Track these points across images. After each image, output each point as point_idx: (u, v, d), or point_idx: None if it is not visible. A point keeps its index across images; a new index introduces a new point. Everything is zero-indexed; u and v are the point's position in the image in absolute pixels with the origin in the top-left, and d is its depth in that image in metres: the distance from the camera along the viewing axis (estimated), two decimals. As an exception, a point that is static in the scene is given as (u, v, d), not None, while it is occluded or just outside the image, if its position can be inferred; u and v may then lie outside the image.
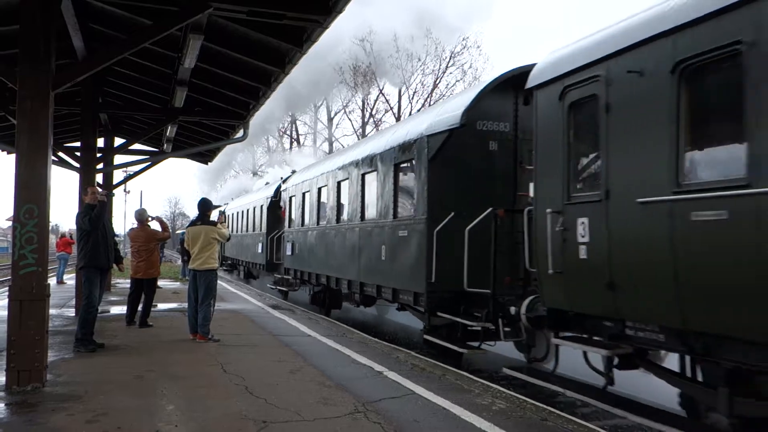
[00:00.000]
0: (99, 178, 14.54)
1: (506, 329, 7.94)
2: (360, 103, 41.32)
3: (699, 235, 4.93)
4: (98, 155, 13.52)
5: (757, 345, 4.56)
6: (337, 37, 33.11)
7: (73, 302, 12.27)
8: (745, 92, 4.61)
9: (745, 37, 4.52)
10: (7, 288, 7.67)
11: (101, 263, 8.42)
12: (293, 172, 21.11)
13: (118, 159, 16.36)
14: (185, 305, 10.04)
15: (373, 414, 5.41)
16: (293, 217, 17.67)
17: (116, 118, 15.62)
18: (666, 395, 6.71)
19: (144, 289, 10.50)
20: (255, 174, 51.34)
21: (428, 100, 38.29)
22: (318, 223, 14.96)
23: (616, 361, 6.22)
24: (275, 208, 20.82)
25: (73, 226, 9.33)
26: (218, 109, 12.69)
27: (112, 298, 14.53)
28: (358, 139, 37.39)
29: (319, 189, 14.97)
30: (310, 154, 43.45)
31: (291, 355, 8.23)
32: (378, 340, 10.23)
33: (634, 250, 5.58)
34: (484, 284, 8.15)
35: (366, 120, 40.69)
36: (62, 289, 17.59)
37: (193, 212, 43.73)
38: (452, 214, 8.78)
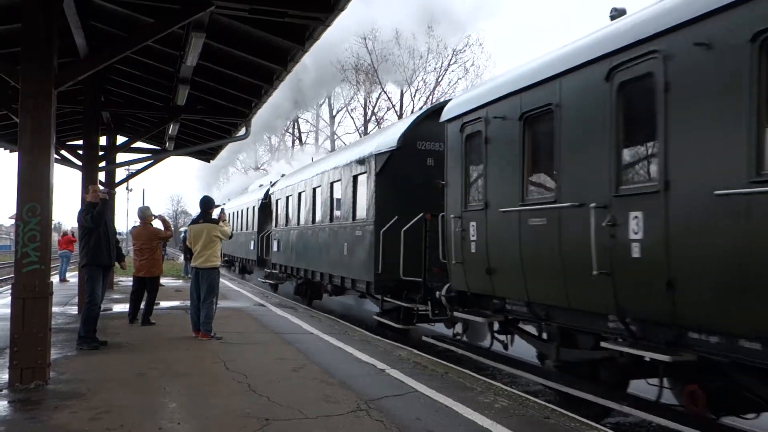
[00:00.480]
0: (101, 176, 14.56)
1: (436, 311, 9.63)
2: (362, 101, 41.31)
3: (532, 234, 7.06)
4: (100, 153, 13.54)
5: (572, 310, 6.60)
6: (346, 33, 33.45)
7: (76, 300, 12.29)
8: (555, 140, 6.67)
9: (554, 101, 6.70)
10: (9, 286, 7.68)
11: (103, 261, 8.44)
12: (282, 176, 22.92)
13: (121, 157, 16.37)
14: (188, 303, 10.06)
15: (376, 412, 5.41)
16: (279, 217, 19.70)
17: (118, 116, 15.64)
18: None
19: (146, 288, 10.52)
20: (257, 169, 51.40)
21: (430, 97, 38.26)
22: (298, 224, 16.93)
23: (497, 326, 8.28)
24: (266, 209, 22.48)
25: (76, 224, 9.36)
26: (220, 107, 12.70)
27: (115, 296, 14.55)
28: (360, 137, 37.46)
29: (300, 194, 17.00)
30: (312, 152, 43.50)
31: (293, 352, 8.24)
32: (380, 338, 10.23)
33: (501, 245, 7.62)
34: (418, 274, 9.93)
35: (368, 118, 40.68)
36: (65, 287, 17.62)
37: (194, 210, 44.01)
38: (396, 217, 10.59)
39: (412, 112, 37.52)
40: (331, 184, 14.02)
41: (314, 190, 15.45)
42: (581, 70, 6.30)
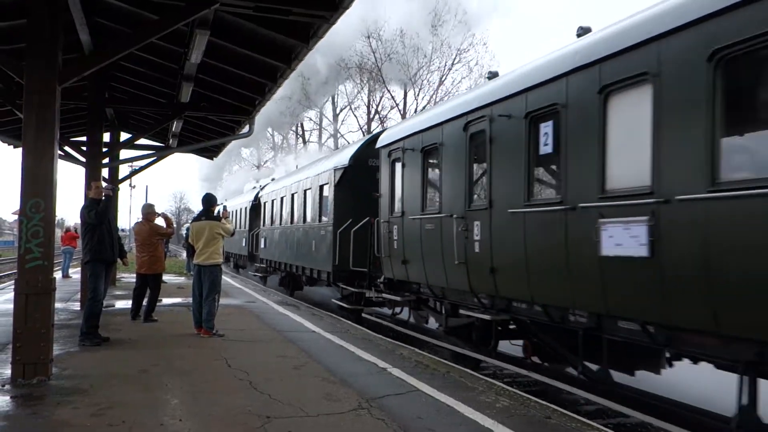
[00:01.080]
0: (105, 172, 14.58)
1: (377, 295, 12.17)
2: (366, 100, 41.29)
3: (427, 235, 9.66)
4: (104, 150, 13.54)
5: (451, 290, 9.19)
6: (353, 31, 33.63)
7: (79, 296, 12.31)
8: (440, 168, 9.47)
9: (438, 142, 9.39)
10: (13, 282, 7.69)
11: (107, 257, 8.47)
12: (272, 179, 26.30)
13: (124, 154, 16.42)
14: (190, 300, 10.07)
15: (377, 410, 5.41)
16: (266, 217, 22.80)
17: (122, 113, 15.65)
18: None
19: (149, 284, 10.53)
20: (260, 167, 51.46)
21: (434, 96, 38.24)
22: (281, 224, 20.02)
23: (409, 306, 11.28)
24: (256, 210, 25.33)
25: (79, 221, 9.37)
26: (224, 105, 12.69)
27: (117, 293, 14.57)
28: (363, 135, 37.55)
29: (282, 198, 20.18)
30: (315, 150, 43.50)
31: (295, 350, 8.25)
32: (382, 336, 10.24)
33: (411, 242, 10.28)
34: (364, 266, 12.70)
35: (371, 116, 40.65)
36: (68, 283, 17.66)
37: (197, 208, 43.98)
38: (350, 220, 13.27)
39: (415, 111, 37.66)
40: (305, 191, 17.10)
41: (293, 195, 18.54)
42: (453, 122, 9.05)
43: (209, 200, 9.69)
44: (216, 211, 9.84)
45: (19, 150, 6.80)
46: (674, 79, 5.34)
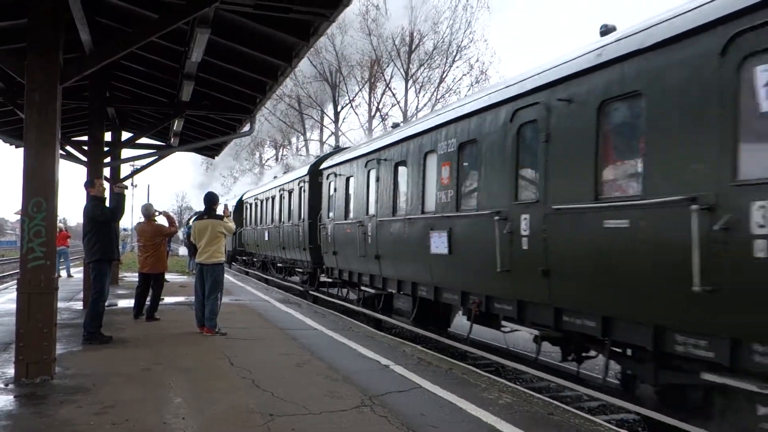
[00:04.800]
0: (106, 171, 14.58)
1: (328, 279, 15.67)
2: (367, 98, 41.24)
3: (342, 234, 13.36)
4: (105, 149, 13.54)
5: (359, 273, 12.91)
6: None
7: (81, 295, 12.32)
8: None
9: (375, 167, 11.97)
10: (15, 281, 7.70)
11: (114, 256, 8.59)
12: (259, 185, 32.57)
13: (126, 153, 16.42)
14: (192, 299, 10.07)
15: (380, 407, 5.42)
16: (249, 218, 27.97)
17: (123, 112, 15.66)
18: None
19: (151, 284, 10.54)
20: (262, 166, 51.51)
21: (435, 94, 38.22)
22: (262, 223, 24.53)
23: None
24: (239, 211, 29.22)
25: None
26: (225, 103, 12.69)
27: (120, 292, 14.59)
28: (365, 134, 37.61)
29: (262, 201, 24.65)
30: (316, 149, 43.52)
31: (297, 348, 8.26)
32: (384, 334, 10.24)
33: (336, 240, 13.95)
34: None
35: (372, 114, 40.61)
36: (70, 282, 17.68)
37: (197, 206, 44.33)
38: (311, 220, 16.82)
39: (416, 108, 37.70)
40: (280, 195, 21.22)
41: (272, 198, 22.80)
42: (358, 160, 13.13)
43: (211, 198, 9.67)
44: (222, 207, 9.85)
45: (21, 150, 6.79)
46: (490, 142, 8.10)
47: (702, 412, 5.40)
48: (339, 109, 41.60)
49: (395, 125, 13.51)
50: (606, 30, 6.74)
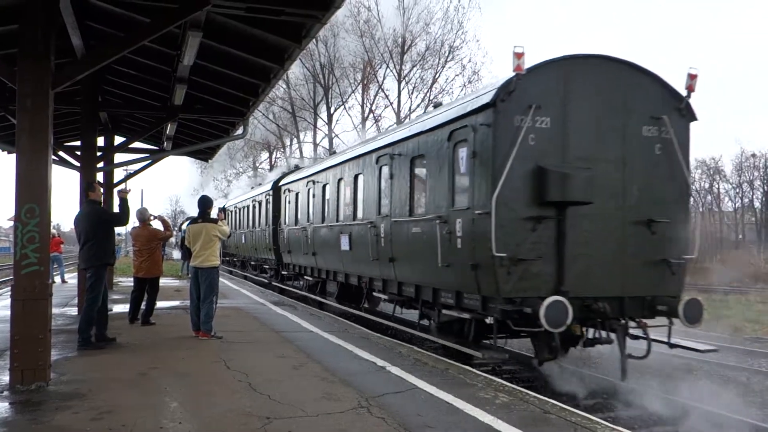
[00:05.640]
0: (99, 176, 14.53)
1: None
2: (360, 99, 41.24)
3: (296, 236, 17.32)
4: (98, 154, 13.49)
5: (305, 266, 17.06)
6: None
7: (75, 301, 12.28)
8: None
9: (312, 187, 16.19)
10: (9, 288, 7.66)
11: (112, 260, 8.73)
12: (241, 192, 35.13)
13: (119, 157, 16.31)
14: (187, 302, 10.05)
15: (377, 409, 5.42)
16: (230, 223, 30.18)
17: (116, 117, 15.60)
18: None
19: (147, 288, 10.51)
20: (255, 169, 51.46)
21: (428, 94, 38.25)
22: (240, 228, 28.11)
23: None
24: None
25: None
26: (218, 107, 12.66)
27: (115, 296, 14.53)
28: (358, 135, 37.65)
29: (240, 209, 28.29)
30: (309, 151, 43.51)
31: (294, 351, 8.25)
32: (380, 335, 10.25)
33: (294, 240, 17.44)
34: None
35: (366, 116, 40.62)
36: (64, 288, 17.61)
37: (191, 211, 44.56)
38: (274, 226, 20.27)
39: (410, 109, 37.79)
40: (253, 205, 24.53)
41: (246, 207, 26.26)
42: (301, 181, 17.25)
43: (206, 202, 9.66)
44: (216, 210, 9.85)
45: (13, 156, 6.77)
46: (367, 178, 12.07)
47: (462, 337, 9.00)
48: (332, 111, 41.59)
49: (333, 152, 19.54)
50: (435, 105, 12.02)
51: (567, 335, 7.68)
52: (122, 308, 11.92)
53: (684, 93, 8.13)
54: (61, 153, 14.63)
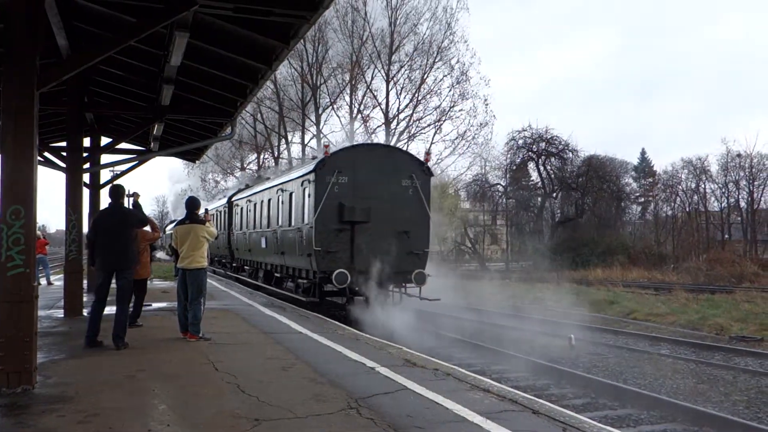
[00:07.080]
0: (86, 177, 14.42)
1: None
2: (348, 99, 41.20)
3: (243, 238, 23.68)
4: (85, 155, 13.38)
5: (246, 260, 23.80)
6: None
7: (62, 303, 12.18)
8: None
9: (231, 205, 26.75)
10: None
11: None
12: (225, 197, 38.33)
13: (105, 158, 16.17)
14: (175, 304, 9.99)
15: (366, 410, 5.42)
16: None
17: (102, 117, 15.46)
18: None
19: (134, 290, 10.41)
20: (243, 169, 51.29)
21: (416, 95, 38.31)
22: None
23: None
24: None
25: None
26: (206, 107, 12.60)
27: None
28: (347, 135, 37.76)
29: (212, 215, 31.29)
30: (297, 152, 43.45)
31: (282, 352, 8.23)
32: (369, 335, 10.24)
33: (241, 241, 23.89)
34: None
35: (354, 116, 40.60)
36: (49, 290, 17.45)
37: (178, 212, 44.36)
38: (228, 231, 26.96)
39: (398, 109, 37.89)
40: (225, 210, 28.35)
41: (220, 212, 30.51)
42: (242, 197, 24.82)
43: (193, 203, 9.60)
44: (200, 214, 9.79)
45: (-2, 157, 6.70)
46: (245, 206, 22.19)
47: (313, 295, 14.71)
48: (320, 111, 41.53)
49: (267, 178, 24.40)
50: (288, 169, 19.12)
51: (353, 291, 13.93)
52: (108, 311, 11.80)
53: (424, 161, 15.09)
54: (46, 154, 14.49)
